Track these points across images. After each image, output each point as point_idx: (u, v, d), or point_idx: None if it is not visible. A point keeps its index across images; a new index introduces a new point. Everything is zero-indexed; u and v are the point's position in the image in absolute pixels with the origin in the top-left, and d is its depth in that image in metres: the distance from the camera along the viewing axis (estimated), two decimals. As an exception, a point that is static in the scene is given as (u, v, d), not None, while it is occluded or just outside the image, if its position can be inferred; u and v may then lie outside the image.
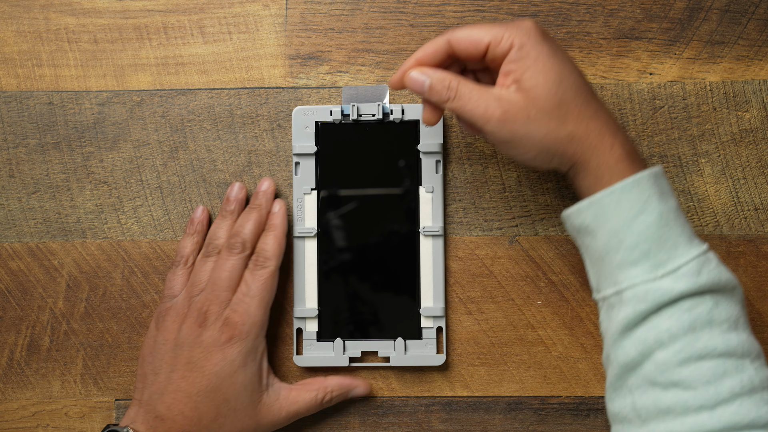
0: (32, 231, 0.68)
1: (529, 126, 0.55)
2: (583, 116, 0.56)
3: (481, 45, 0.56)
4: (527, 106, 0.55)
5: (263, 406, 0.62)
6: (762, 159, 0.66)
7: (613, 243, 0.55)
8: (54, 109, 0.68)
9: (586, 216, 0.56)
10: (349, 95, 0.65)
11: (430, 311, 0.65)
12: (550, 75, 0.55)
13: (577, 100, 0.55)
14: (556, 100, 0.55)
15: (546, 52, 0.55)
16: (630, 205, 0.55)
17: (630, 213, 0.55)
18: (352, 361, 0.66)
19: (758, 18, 0.67)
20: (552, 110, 0.55)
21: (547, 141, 0.56)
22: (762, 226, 0.66)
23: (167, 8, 0.68)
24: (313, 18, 0.68)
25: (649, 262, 0.54)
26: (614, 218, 0.55)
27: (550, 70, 0.55)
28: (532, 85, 0.55)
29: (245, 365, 0.60)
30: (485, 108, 0.55)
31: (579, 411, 0.66)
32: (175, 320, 0.62)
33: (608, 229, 0.55)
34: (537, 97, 0.55)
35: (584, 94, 0.56)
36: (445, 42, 0.57)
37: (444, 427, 0.66)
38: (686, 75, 0.67)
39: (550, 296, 0.66)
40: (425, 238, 0.66)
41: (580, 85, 0.56)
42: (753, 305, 0.66)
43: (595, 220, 0.56)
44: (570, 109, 0.55)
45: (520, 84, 0.55)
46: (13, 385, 0.67)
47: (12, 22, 0.68)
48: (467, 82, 0.56)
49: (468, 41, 0.56)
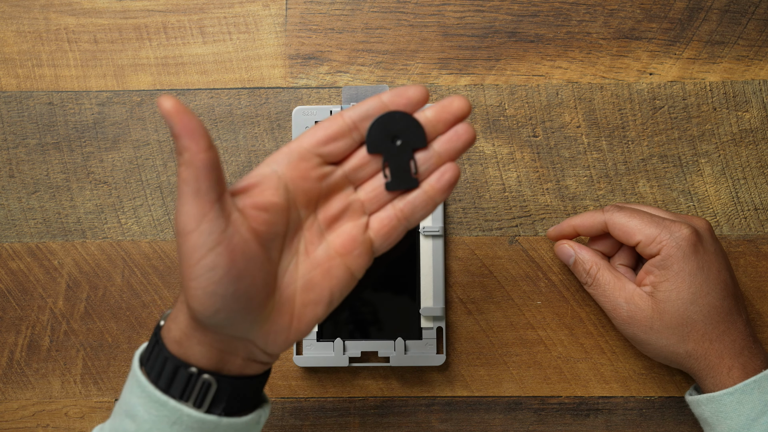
0: (32, 231, 0.68)
1: (650, 335, 0.58)
2: (706, 338, 0.57)
3: (633, 240, 0.58)
4: (653, 317, 0.57)
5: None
6: (762, 159, 0.66)
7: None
8: (54, 109, 0.68)
9: (704, 410, 0.58)
10: (349, 95, 0.65)
11: (430, 311, 0.65)
12: (684, 294, 0.57)
13: (706, 321, 0.57)
14: (682, 319, 0.57)
15: (689, 270, 0.57)
16: (751, 406, 0.56)
17: (751, 414, 0.56)
18: (352, 361, 0.66)
19: (758, 18, 0.67)
20: (676, 327, 0.57)
21: (665, 352, 0.59)
22: (762, 226, 0.66)
23: (167, 8, 0.68)
24: (313, 18, 0.68)
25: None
26: (735, 418, 0.56)
27: (686, 289, 0.57)
28: (664, 298, 0.57)
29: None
30: (614, 305, 0.59)
31: (579, 411, 0.66)
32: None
33: (728, 426, 0.56)
34: (664, 312, 0.57)
35: (715, 315, 0.57)
36: (602, 223, 0.60)
37: (444, 427, 0.66)
38: (686, 75, 0.67)
39: (550, 296, 0.66)
40: (425, 239, 0.66)
41: (713, 306, 0.57)
42: (753, 305, 0.66)
43: (713, 415, 0.57)
44: (694, 329, 0.57)
45: (654, 292, 0.58)
46: (13, 385, 0.67)
47: (12, 22, 0.68)
48: (606, 271, 0.60)
49: (622, 231, 0.59)
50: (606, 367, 0.66)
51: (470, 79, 0.67)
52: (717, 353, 0.57)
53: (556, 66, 0.67)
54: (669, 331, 0.57)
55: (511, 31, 0.67)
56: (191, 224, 0.46)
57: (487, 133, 0.67)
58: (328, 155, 0.50)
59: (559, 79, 0.67)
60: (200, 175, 0.45)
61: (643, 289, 0.58)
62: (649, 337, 0.58)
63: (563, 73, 0.67)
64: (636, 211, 0.59)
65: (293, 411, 0.67)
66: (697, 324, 0.57)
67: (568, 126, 0.67)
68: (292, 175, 0.49)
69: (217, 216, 0.46)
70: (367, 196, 0.51)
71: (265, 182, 0.49)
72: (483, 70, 0.67)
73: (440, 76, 0.67)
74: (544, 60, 0.67)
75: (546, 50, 0.67)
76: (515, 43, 0.67)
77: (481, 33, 0.67)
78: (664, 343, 0.58)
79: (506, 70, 0.67)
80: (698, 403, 0.58)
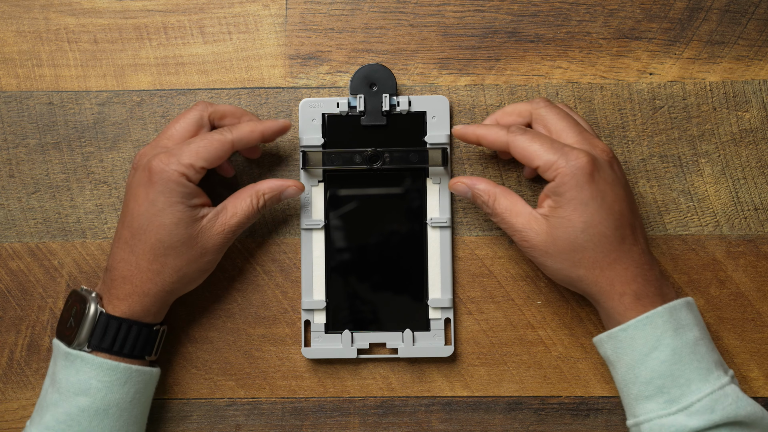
0: (32, 231, 0.68)
1: (546, 258, 0.59)
2: (596, 265, 0.58)
3: (533, 164, 0.59)
4: (547, 242, 0.58)
5: (203, 235, 0.61)
6: (762, 159, 0.66)
7: (629, 376, 0.58)
8: (54, 109, 0.68)
9: (606, 348, 0.60)
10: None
11: (438, 303, 0.66)
12: (576, 222, 0.57)
13: (596, 249, 0.58)
14: (573, 246, 0.58)
15: (581, 198, 0.57)
16: (643, 341, 0.57)
17: (643, 349, 0.57)
18: (360, 352, 0.66)
19: (758, 18, 0.67)
20: (568, 254, 0.58)
21: (560, 275, 0.60)
22: (762, 226, 0.66)
23: (167, 8, 0.68)
24: (313, 18, 0.68)
25: (663, 398, 0.57)
26: (629, 353, 0.58)
27: (578, 218, 0.57)
28: (556, 224, 0.58)
29: (171, 204, 0.60)
30: (513, 231, 0.60)
31: (579, 411, 0.66)
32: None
33: (625, 363, 0.58)
34: (557, 237, 0.58)
35: (607, 243, 0.58)
36: (505, 143, 0.60)
37: (444, 427, 0.66)
38: (686, 75, 0.67)
39: (550, 296, 0.66)
40: (433, 230, 0.66)
41: (604, 235, 0.57)
42: (753, 305, 0.66)
43: (614, 353, 0.59)
44: (585, 256, 0.58)
45: (549, 217, 0.58)
46: (13, 385, 0.67)
47: (12, 22, 0.68)
48: (503, 198, 0.60)
49: (522, 155, 0.59)
50: (606, 367, 0.66)
51: (470, 79, 0.67)
52: (608, 280, 0.58)
53: (556, 66, 0.67)
54: (562, 256, 0.58)
55: (511, 31, 0.67)
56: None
57: (487, 133, 0.67)
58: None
59: (559, 79, 0.67)
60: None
61: (540, 211, 0.59)
62: (546, 260, 0.59)
63: (563, 73, 0.67)
64: (538, 134, 0.59)
65: (293, 411, 0.67)
66: (587, 252, 0.58)
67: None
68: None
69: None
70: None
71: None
72: (483, 70, 0.67)
73: (440, 76, 0.67)
74: (544, 60, 0.67)
75: (546, 50, 0.67)
76: (515, 43, 0.67)
77: (481, 33, 0.67)
78: (558, 267, 0.59)
79: (506, 70, 0.67)
80: (600, 342, 0.60)
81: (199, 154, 0.60)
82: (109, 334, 0.60)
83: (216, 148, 0.60)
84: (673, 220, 0.66)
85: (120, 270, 0.61)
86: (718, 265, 0.66)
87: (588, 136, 0.60)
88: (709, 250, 0.66)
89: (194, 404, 0.67)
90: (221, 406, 0.67)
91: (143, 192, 0.60)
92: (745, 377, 0.66)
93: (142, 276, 0.60)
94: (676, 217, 0.66)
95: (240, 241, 0.67)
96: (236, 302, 0.67)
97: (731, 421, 0.56)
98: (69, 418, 0.59)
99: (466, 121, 0.67)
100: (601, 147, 0.59)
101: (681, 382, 0.57)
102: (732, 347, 0.66)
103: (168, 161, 0.59)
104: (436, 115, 0.66)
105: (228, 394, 0.67)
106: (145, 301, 0.61)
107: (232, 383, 0.67)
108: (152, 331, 0.62)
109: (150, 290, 0.61)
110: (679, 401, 0.56)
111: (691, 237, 0.66)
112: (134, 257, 0.60)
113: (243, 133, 0.62)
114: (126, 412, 0.60)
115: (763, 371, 0.66)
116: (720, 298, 0.66)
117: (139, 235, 0.60)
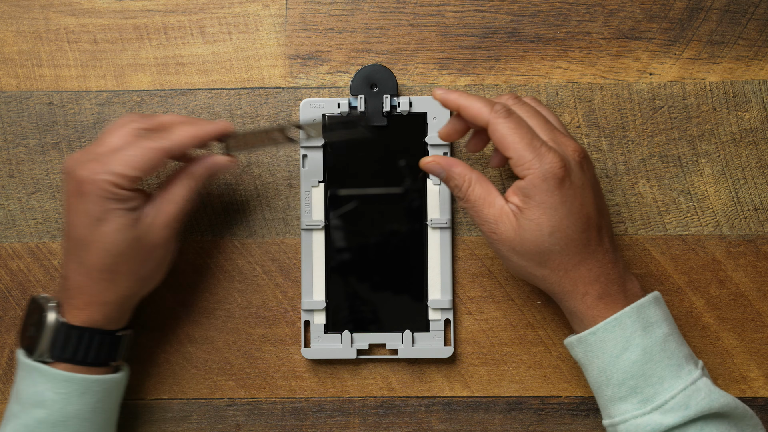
0: (32, 231, 0.68)
1: (511, 254, 0.58)
2: (561, 267, 0.58)
3: (506, 154, 0.57)
4: (514, 239, 0.58)
5: (148, 232, 0.59)
6: (762, 159, 0.66)
7: (602, 379, 0.58)
8: (54, 109, 0.68)
9: (576, 351, 0.60)
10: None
11: (438, 303, 0.66)
12: (545, 226, 0.57)
13: (562, 252, 0.57)
14: (540, 249, 0.57)
15: (550, 203, 0.56)
16: (613, 344, 0.57)
17: (614, 351, 0.57)
18: (359, 353, 0.66)
19: (758, 18, 0.67)
20: (534, 254, 0.58)
21: (523, 272, 0.59)
22: (762, 226, 0.66)
23: (167, 8, 0.68)
24: (313, 18, 0.68)
25: (638, 398, 0.57)
26: (600, 356, 0.58)
27: (546, 222, 0.57)
28: (525, 226, 0.57)
29: (108, 212, 0.57)
30: (482, 221, 0.59)
31: (579, 411, 0.66)
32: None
33: (596, 365, 0.58)
34: (525, 239, 0.57)
35: (573, 246, 0.57)
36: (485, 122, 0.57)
37: (444, 427, 0.66)
38: (686, 75, 0.67)
39: (550, 296, 0.66)
40: (433, 231, 0.66)
41: (571, 238, 0.57)
42: (753, 305, 0.66)
43: (585, 356, 0.59)
44: (551, 258, 0.58)
45: (518, 215, 0.57)
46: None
47: (12, 22, 0.68)
48: (478, 185, 0.59)
49: (498, 141, 0.57)
50: (606, 367, 0.66)
51: (470, 79, 0.67)
52: (571, 281, 0.58)
53: (556, 66, 0.67)
54: (528, 256, 0.58)
55: (511, 31, 0.67)
56: None
57: (487, 133, 0.67)
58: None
59: (559, 79, 0.67)
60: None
61: (510, 207, 0.58)
62: (511, 256, 0.58)
63: (563, 73, 0.67)
64: (520, 124, 0.57)
65: (293, 411, 0.67)
66: (554, 254, 0.57)
67: (568, 126, 0.67)
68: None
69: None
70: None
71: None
72: (483, 70, 0.67)
73: (440, 76, 0.67)
74: (544, 60, 0.67)
75: (546, 50, 0.67)
76: (515, 43, 0.67)
77: (481, 33, 0.67)
78: (523, 264, 0.59)
79: (506, 70, 0.67)
80: (571, 345, 0.60)
81: (130, 163, 0.57)
82: (70, 344, 0.58)
83: (150, 158, 0.57)
84: (673, 220, 0.66)
85: (73, 280, 0.59)
86: (718, 265, 0.66)
87: (558, 135, 0.58)
88: (709, 250, 0.66)
89: (194, 404, 0.67)
90: (221, 406, 0.67)
91: (76, 202, 0.58)
92: (745, 377, 0.66)
93: (96, 286, 0.59)
94: (676, 217, 0.66)
95: (240, 241, 0.67)
96: (236, 302, 0.67)
97: (705, 414, 0.56)
98: (27, 430, 0.58)
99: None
100: (572, 147, 0.58)
101: (653, 381, 0.57)
102: (732, 347, 0.66)
103: (97, 170, 0.57)
104: (436, 116, 0.66)
105: (228, 394, 0.67)
106: (105, 309, 0.59)
107: (232, 383, 0.67)
108: (115, 338, 0.60)
109: (108, 299, 0.59)
110: (653, 400, 0.56)
111: (691, 237, 0.66)
112: (84, 268, 0.58)
113: (178, 140, 0.59)
114: (87, 422, 0.59)
115: (763, 371, 0.66)
116: (720, 298, 0.66)
117: (83, 247, 0.58)
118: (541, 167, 0.56)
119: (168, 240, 0.60)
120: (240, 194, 0.68)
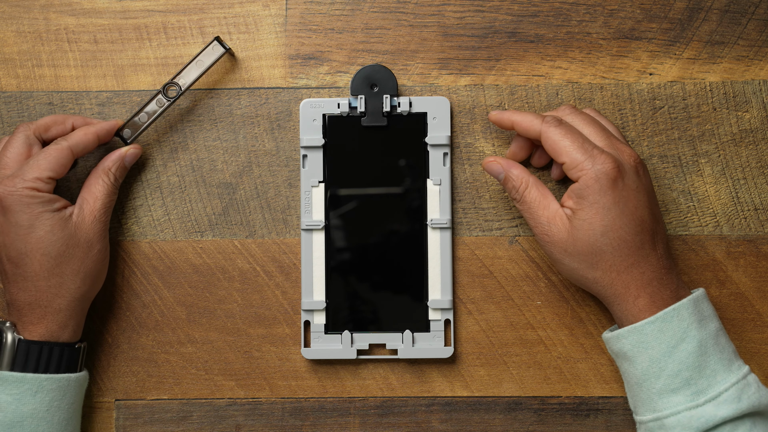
0: (32, 231, 0.68)
1: (563, 256, 0.60)
2: (614, 268, 0.59)
3: (559, 159, 0.59)
4: (566, 241, 0.59)
5: (80, 229, 0.62)
6: (762, 159, 0.66)
7: (653, 370, 0.58)
8: (54, 109, 0.68)
9: (625, 343, 0.59)
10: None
11: (438, 304, 0.66)
12: (597, 226, 0.58)
13: (614, 253, 0.58)
14: (592, 249, 0.58)
15: (603, 203, 0.58)
16: (671, 334, 0.57)
17: (671, 342, 0.57)
18: (359, 353, 0.66)
19: (758, 18, 0.67)
20: (586, 255, 0.59)
21: (575, 275, 0.60)
22: (762, 226, 0.66)
23: (167, 8, 0.68)
24: (313, 18, 0.68)
25: (690, 390, 0.57)
26: (656, 347, 0.58)
27: (599, 222, 0.58)
28: (578, 226, 0.58)
29: (36, 216, 0.60)
30: (536, 223, 0.60)
31: (579, 411, 0.66)
32: None
33: (648, 356, 0.58)
34: (577, 238, 0.58)
35: (625, 248, 0.58)
36: (538, 131, 0.60)
37: (444, 427, 0.66)
38: (686, 75, 0.67)
39: (550, 296, 0.66)
40: (433, 231, 0.66)
41: (624, 239, 0.58)
42: (753, 305, 0.66)
43: (635, 347, 0.59)
44: (603, 259, 0.58)
45: (571, 217, 0.59)
46: (13, 385, 0.67)
47: (12, 22, 0.68)
48: (534, 188, 0.61)
49: (551, 147, 0.60)
50: (606, 367, 0.66)
51: (470, 79, 0.67)
52: (623, 283, 0.59)
53: (556, 66, 0.67)
54: (580, 257, 0.59)
55: (511, 31, 0.67)
56: None
57: (487, 133, 0.67)
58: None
59: (559, 80, 0.67)
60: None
61: (565, 211, 0.60)
62: (563, 258, 0.60)
63: (563, 74, 0.67)
64: (571, 130, 0.60)
65: (293, 411, 0.67)
66: (606, 255, 0.58)
67: (568, 126, 0.67)
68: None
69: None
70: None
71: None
72: (483, 70, 0.67)
73: (440, 76, 0.67)
74: (544, 60, 0.67)
75: (546, 50, 0.67)
76: (515, 43, 0.67)
77: (481, 33, 0.67)
78: (575, 266, 0.60)
79: (506, 70, 0.67)
80: (618, 337, 0.60)
81: (41, 166, 0.61)
82: (31, 360, 0.60)
83: (56, 158, 0.61)
84: (673, 220, 0.66)
85: (22, 299, 0.61)
86: (718, 265, 0.66)
87: (615, 141, 0.60)
88: (709, 251, 0.66)
89: (194, 404, 0.67)
90: (221, 406, 0.67)
91: (3, 221, 0.60)
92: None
93: (46, 295, 0.61)
94: (676, 217, 0.66)
95: (240, 241, 0.67)
96: (236, 302, 0.67)
97: (755, 408, 0.57)
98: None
99: (466, 120, 0.67)
100: (628, 152, 0.60)
101: (707, 373, 0.57)
102: (732, 347, 0.66)
103: (13, 184, 0.60)
104: (436, 116, 0.66)
105: (228, 394, 0.67)
106: (59, 317, 0.61)
107: (232, 383, 0.67)
108: (74, 350, 0.63)
109: (61, 304, 0.61)
110: (707, 392, 0.57)
111: (691, 237, 0.66)
112: (29, 283, 0.61)
113: (77, 139, 0.63)
114: (44, 422, 0.61)
115: (763, 371, 0.66)
116: (720, 298, 0.66)
117: (23, 261, 0.60)
118: (593, 167, 0.58)
119: (102, 233, 0.63)
120: (240, 194, 0.68)
